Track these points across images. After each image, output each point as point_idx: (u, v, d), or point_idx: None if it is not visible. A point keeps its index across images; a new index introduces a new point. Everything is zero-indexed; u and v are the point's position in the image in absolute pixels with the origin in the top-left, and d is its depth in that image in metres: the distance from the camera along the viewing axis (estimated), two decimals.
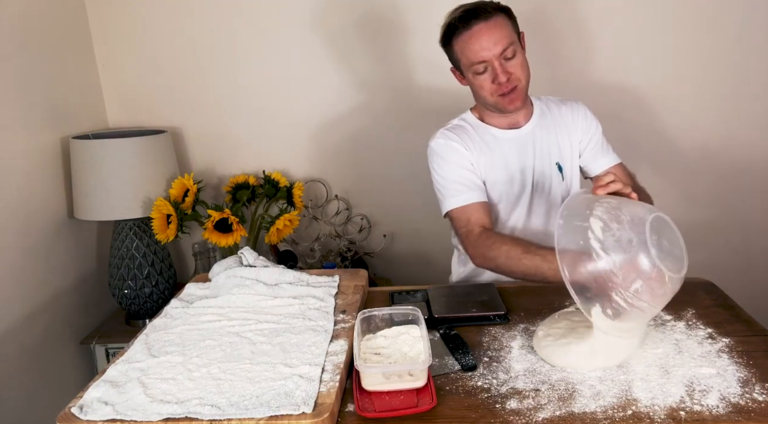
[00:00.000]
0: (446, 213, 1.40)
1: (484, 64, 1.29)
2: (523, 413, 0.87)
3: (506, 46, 1.28)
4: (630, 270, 0.89)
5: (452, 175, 1.39)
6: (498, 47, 1.28)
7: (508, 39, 1.29)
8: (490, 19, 1.28)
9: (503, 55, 1.29)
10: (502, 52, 1.28)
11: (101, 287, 1.97)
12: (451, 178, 1.39)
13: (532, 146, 1.43)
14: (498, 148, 1.41)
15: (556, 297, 1.24)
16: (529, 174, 1.42)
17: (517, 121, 1.43)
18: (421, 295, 1.27)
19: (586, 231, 0.91)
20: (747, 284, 1.76)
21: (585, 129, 1.46)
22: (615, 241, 0.90)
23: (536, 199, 1.44)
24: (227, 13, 1.96)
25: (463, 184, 1.38)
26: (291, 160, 2.09)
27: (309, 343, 1.03)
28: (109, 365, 0.99)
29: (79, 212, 1.77)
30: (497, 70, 1.29)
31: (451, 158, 1.39)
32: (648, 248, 0.88)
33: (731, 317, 1.14)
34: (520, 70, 1.32)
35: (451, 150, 1.39)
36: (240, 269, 1.26)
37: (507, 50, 1.29)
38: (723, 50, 1.93)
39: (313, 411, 0.84)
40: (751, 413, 0.85)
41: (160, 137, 1.83)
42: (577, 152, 1.47)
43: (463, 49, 1.30)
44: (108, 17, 1.97)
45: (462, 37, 1.30)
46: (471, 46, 1.29)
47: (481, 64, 1.30)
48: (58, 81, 1.80)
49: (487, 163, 1.40)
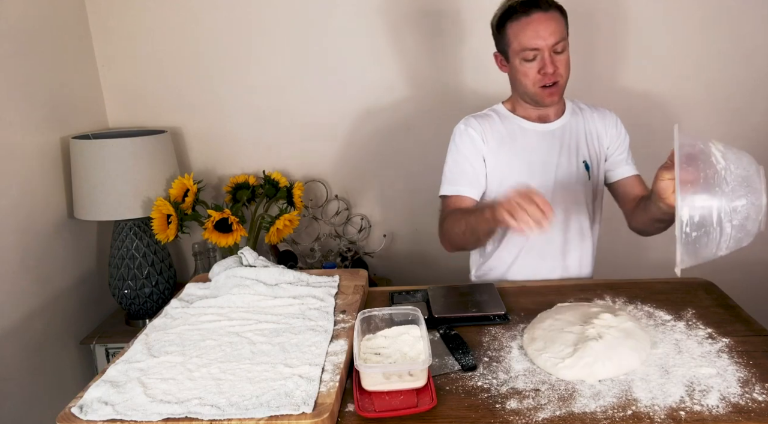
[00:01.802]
0: (440, 195, 1.44)
1: (535, 52, 1.32)
2: (523, 413, 0.87)
3: (559, 39, 1.32)
4: (741, 184, 0.91)
5: (456, 164, 1.42)
6: (552, 38, 1.31)
7: (561, 34, 1.32)
8: (548, 11, 1.32)
9: (554, 47, 1.32)
10: (554, 44, 1.31)
11: (101, 287, 1.97)
12: (454, 166, 1.43)
13: (560, 142, 1.44)
14: (523, 139, 1.43)
15: (557, 297, 1.24)
16: (551, 169, 1.42)
17: (547, 116, 1.45)
18: (421, 295, 1.27)
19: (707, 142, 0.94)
20: (747, 283, 1.75)
21: (615, 137, 1.48)
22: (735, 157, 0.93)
23: (557, 196, 1.43)
24: (227, 13, 1.96)
25: (464, 177, 1.41)
26: (291, 160, 2.09)
27: (309, 343, 1.03)
28: (109, 365, 0.99)
29: (79, 212, 1.77)
30: (546, 61, 1.32)
31: (463, 147, 1.42)
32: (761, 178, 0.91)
33: (731, 317, 1.15)
34: (565, 67, 1.35)
35: (467, 139, 1.42)
36: (240, 269, 1.26)
37: (558, 44, 1.32)
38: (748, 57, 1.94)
39: (313, 411, 0.84)
40: (751, 413, 0.85)
41: (160, 137, 1.83)
42: (603, 156, 1.49)
43: (518, 34, 1.33)
44: (108, 17, 1.97)
45: (519, 21, 1.32)
46: (527, 32, 1.31)
47: (532, 51, 1.32)
48: (58, 81, 1.80)
49: (509, 153, 1.41)
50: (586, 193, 1.46)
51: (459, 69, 1.98)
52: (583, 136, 1.46)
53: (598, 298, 1.24)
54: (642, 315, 1.15)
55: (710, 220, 0.93)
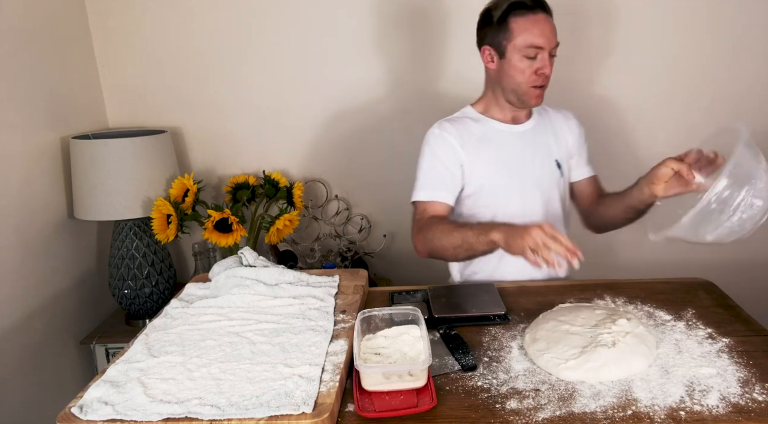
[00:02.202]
0: (412, 201, 1.44)
1: (537, 50, 1.33)
2: (523, 413, 0.87)
3: (556, 43, 1.35)
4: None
5: (432, 169, 1.42)
6: (554, 41, 1.34)
7: (557, 40, 1.35)
8: (550, 16, 1.35)
9: (552, 50, 1.35)
10: (554, 48, 1.35)
11: (101, 287, 1.97)
12: (430, 171, 1.42)
13: (533, 143, 1.46)
14: (499, 141, 1.44)
15: (557, 297, 1.25)
16: (528, 169, 1.44)
17: (519, 117, 1.47)
18: (421, 295, 1.28)
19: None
20: (747, 284, 1.75)
21: (577, 136, 1.53)
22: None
23: (535, 194, 1.45)
24: (227, 13, 1.96)
25: (439, 181, 1.41)
26: (291, 160, 2.09)
27: (309, 343, 1.03)
28: (109, 365, 0.99)
29: (79, 212, 1.77)
30: (546, 61, 1.34)
31: (439, 152, 1.42)
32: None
33: (731, 317, 1.15)
34: (551, 73, 1.37)
35: (442, 143, 1.42)
36: (240, 269, 1.26)
37: (555, 48, 1.35)
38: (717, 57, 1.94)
39: (313, 411, 0.84)
40: (751, 413, 0.85)
41: (160, 137, 1.83)
42: (569, 155, 1.52)
43: (524, 30, 1.33)
44: (108, 17, 1.97)
45: (527, 17, 1.33)
46: (534, 30, 1.32)
47: (536, 49, 1.33)
48: (58, 81, 1.80)
49: (486, 156, 1.42)
50: (559, 192, 1.49)
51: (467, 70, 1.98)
52: (552, 136, 1.49)
53: (598, 298, 1.24)
54: (642, 315, 1.15)
55: (732, 202, 1.02)
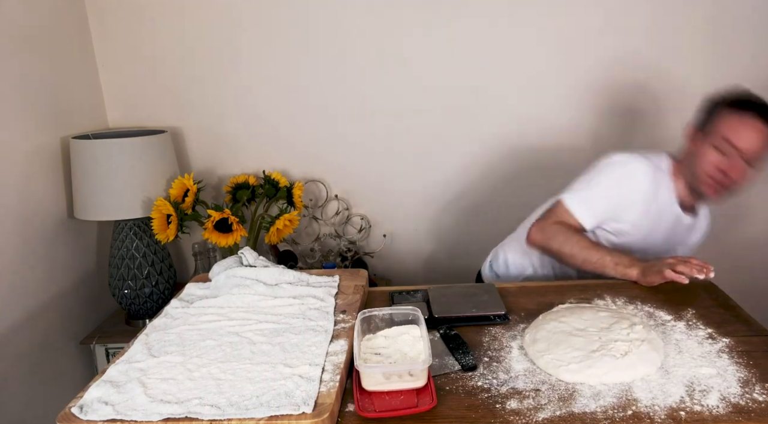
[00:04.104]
0: (559, 201, 1.42)
1: (730, 147, 1.30)
2: (523, 413, 0.87)
3: (757, 152, 1.30)
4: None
5: (605, 195, 1.39)
6: (753, 146, 1.29)
7: (763, 150, 1.31)
8: (766, 125, 1.29)
9: (748, 156, 1.30)
10: (749, 154, 1.30)
11: (101, 287, 1.97)
12: (602, 195, 1.39)
13: (680, 236, 1.47)
14: (665, 221, 1.42)
15: (556, 297, 1.24)
16: (662, 250, 1.45)
17: (687, 203, 1.44)
18: (421, 295, 1.27)
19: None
20: (747, 284, 1.75)
21: (701, 238, 1.56)
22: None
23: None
24: (227, 13, 1.96)
25: (601, 210, 1.39)
26: (291, 160, 2.09)
27: (309, 343, 1.03)
28: (109, 365, 0.98)
29: (79, 212, 1.77)
30: (732, 163, 1.31)
31: (623, 190, 1.38)
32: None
33: (731, 317, 1.15)
34: (743, 180, 1.33)
35: (633, 185, 1.38)
36: (240, 269, 1.26)
37: (753, 157, 1.30)
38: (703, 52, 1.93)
39: (313, 411, 0.84)
40: (751, 413, 0.85)
41: (160, 137, 1.83)
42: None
43: (728, 125, 1.31)
44: (108, 17, 1.97)
45: (737, 114, 1.31)
46: (737, 127, 1.30)
47: (728, 144, 1.30)
48: (58, 81, 1.80)
49: (644, 223, 1.40)
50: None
51: (464, 76, 1.98)
52: (691, 237, 1.51)
53: (598, 298, 1.24)
54: (642, 315, 1.15)
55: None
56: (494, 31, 1.94)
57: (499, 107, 2.00)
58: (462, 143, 2.05)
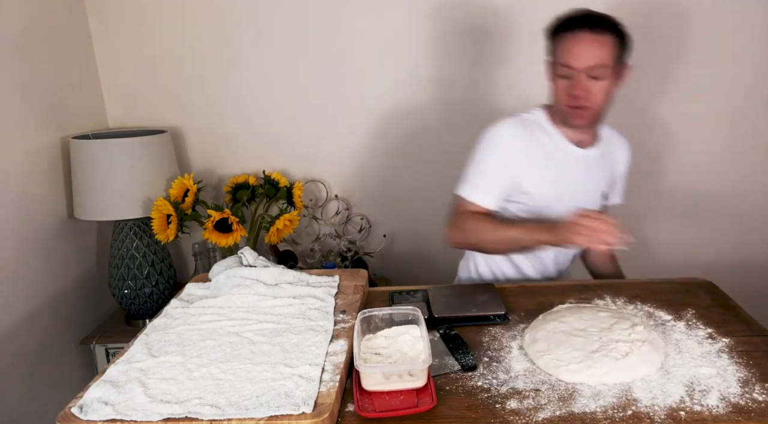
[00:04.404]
0: (456, 195, 1.42)
1: (569, 70, 1.29)
2: (523, 413, 0.87)
3: (596, 64, 1.27)
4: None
5: (486, 170, 1.38)
6: (588, 61, 1.27)
7: (602, 60, 1.27)
8: (597, 34, 1.27)
9: (590, 72, 1.27)
10: (590, 68, 1.27)
11: (101, 287, 1.97)
12: (483, 171, 1.38)
13: (592, 172, 1.44)
14: (564, 164, 1.40)
15: (556, 297, 1.24)
16: (578, 197, 1.42)
17: (582, 141, 1.42)
18: (421, 295, 1.27)
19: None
20: (747, 284, 1.75)
21: (625, 167, 1.54)
22: None
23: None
24: (227, 13, 1.96)
25: (490, 186, 1.38)
26: (291, 160, 2.09)
27: (309, 343, 1.03)
28: (109, 365, 0.98)
29: (79, 212, 1.77)
30: (577, 83, 1.29)
31: (500, 155, 1.37)
32: None
33: (731, 317, 1.15)
34: (598, 95, 1.30)
35: (504, 147, 1.37)
36: (240, 269, 1.26)
37: (595, 70, 1.27)
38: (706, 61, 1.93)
39: (313, 411, 0.84)
40: (751, 413, 0.85)
41: (160, 137, 1.83)
42: (612, 185, 1.52)
43: (561, 47, 1.31)
44: (108, 17, 1.97)
45: (567, 35, 1.29)
46: (567, 48, 1.29)
47: (567, 68, 1.29)
48: (58, 81, 1.80)
49: (547, 175, 1.39)
50: None
51: (460, 75, 1.98)
52: (608, 168, 1.48)
53: (598, 298, 1.24)
54: (642, 315, 1.15)
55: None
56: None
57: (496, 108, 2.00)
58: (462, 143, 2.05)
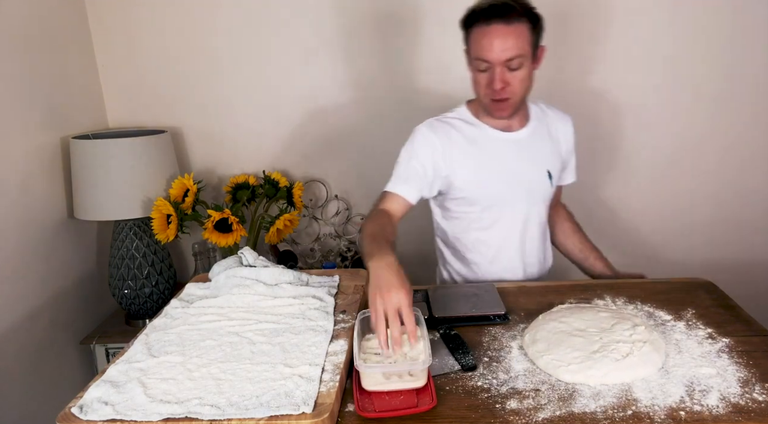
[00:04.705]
0: (383, 191, 1.43)
1: (486, 64, 1.28)
2: (523, 413, 0.87)
3: (513, 56, 1.25)
4: None
5: (408, 165, 1.40)
6: (505, 54, 1.25)
7: (519, 50, 1.25)
8: (511, 24, 1.24)
9: (507, 64, 1.27)
10: (507, 61, 1.26)
11: (101, 287, 1.97)
12: (404, 166, 1.40)
13: (527, 151, 1.42)
14: (491, 148, 1.41)
15: (556, 297, 1.25)
16: (520, 178, 1.42)
17: (510, 125, 1.42)
18: (421, 295, 1.27)
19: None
20: (747, 284, 1.75)
21: (571, 144, 1.51)
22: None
23: (524, 203, 1.44)
24: (227, 13, 1.96)
25: (408, 176, 1.39)
26: (291, 160, 2.09)
27: (309, 343, 1.03)
28: (109, 365, 0.99)
29: (79, 212, 1.77)
30: (495, 76, 1.28)
31: (420, 151, 1.39)
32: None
33: (731, 317, 1.15)
34: (519, 85, 1.30)
35: (426, 144, 1.39)
36: (240, 269, 1.26)
37: (513, 61, 1.26)
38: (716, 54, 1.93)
39: (313, 411, 0.84)
40: (751, 413, 0.85)
41: (160, 137, 1.83)
42: (561, 163, 1.50)
43: (475, 41, 1.29)
44: (108, 17, 1.97)
45: (479, 28, 1.27)
46: (481, 42, 1.26)
47: (483, 62, 1.28)
48: (58, 81, 1.80)
49: (477, 163, 1.39)
50: (547, 202, 1.49)
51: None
52: (547, 145, 1.46)
53: (598, 298, 1.24)
54: (642, 315, 1.15)
55: None
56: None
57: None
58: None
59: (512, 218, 1.44)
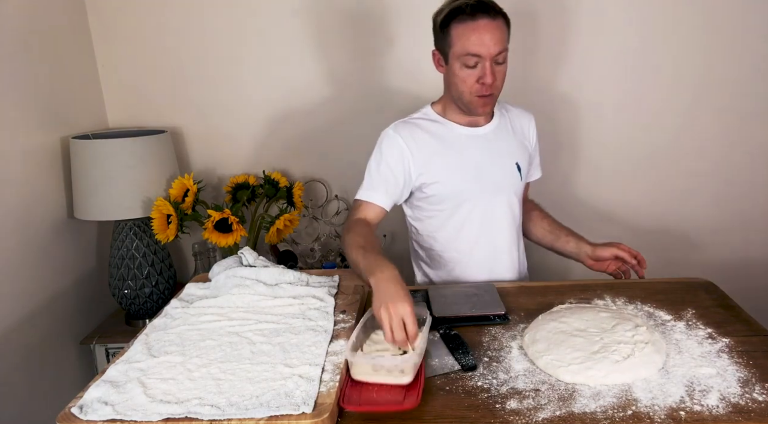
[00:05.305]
0: (355, 198, 1.43)
1: (477, 59, 1.29)
2: (523, 413, 0.87)
3: (501, 49, 1.29)
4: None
5: (377, 171, 1.40)
6: (496, 48, 1.27)
7: (504, 44, 1.29)
8: (495, 20, 1.28)
9: (496, 58, 1.29)
10: (497, 54, 1.28)
11: (101, 287, 1.97)
12: (375, 173, 1.40)
13: (493, 146, 1.44)
14: (458, 145, 1.42)
15: (556, 297, 1.25)
16: (489, 172, 1.42)
17: (476, 121, 1.44)
18: (421, 295, 1.27)
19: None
20: (747, 284, 1.75)
21: (534, 138, 1.54)
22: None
23: (495, 198, 1.44)
24: (227, 13, 1.96)
25: (380, 183, 1.39)
26: (291, 160, 2.09)
27: (309, 343, 1.03)
28: (109, 365, 0.99)
29: (79, 212, 1.77)
30: (486, 70, 1.29)
31: (387, 155, 1.40)
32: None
33: (731, 317, 1.15)
34: (502, 79, 1.33)
35: (393, 147, 1.40)
36: (240, 269, 1.26)
37: (500, 55, 1.29)
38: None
39: (313, 411, 0.84)
40: (751, 413, 0.85)
41: (160, 137, 1.83)
42: (529, 157, 1.52)
43: (462, 37, 1.29)
44: (108, 17, 1.97)
45: (466, 25, 1.27)
46: (472, 38, 1.27)
47: (474, 57, 1.29)
48: (58, 81, 1.80)
49: (445, 160, 1.40)
50: (518, 195, 1.49)
51: None
52: (513, 139, 1.47)
53: (598, 298, 1.24)
54: (642, 315, 1.15)
55: None
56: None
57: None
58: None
59: (483, 214, 1.44)
